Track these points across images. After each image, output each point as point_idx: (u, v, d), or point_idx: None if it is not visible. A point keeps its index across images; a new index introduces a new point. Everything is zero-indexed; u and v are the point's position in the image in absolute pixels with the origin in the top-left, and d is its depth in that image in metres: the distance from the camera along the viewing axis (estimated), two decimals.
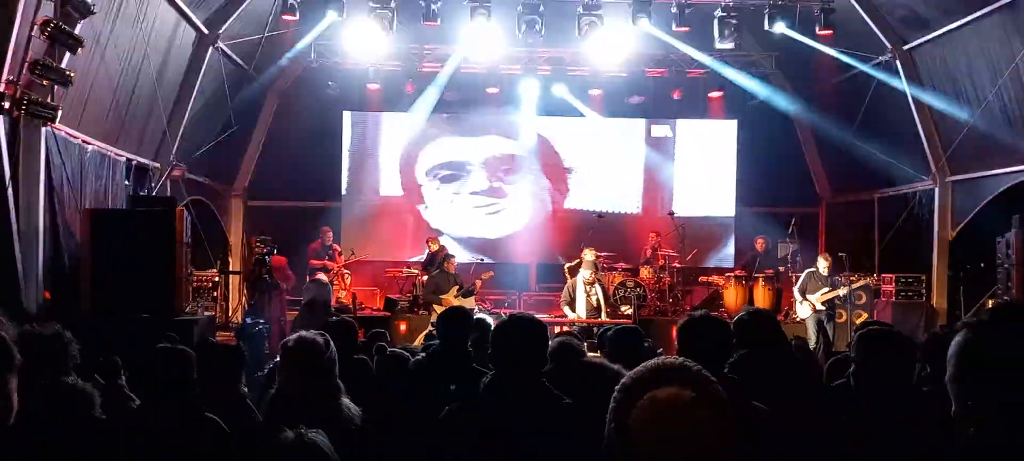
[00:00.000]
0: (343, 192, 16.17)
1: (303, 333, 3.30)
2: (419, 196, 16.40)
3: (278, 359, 3.83)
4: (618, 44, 13.67)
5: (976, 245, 12.29)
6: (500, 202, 16.47)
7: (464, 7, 12.65)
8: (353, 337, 5.07)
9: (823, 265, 12.02)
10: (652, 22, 12.83)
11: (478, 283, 12.97)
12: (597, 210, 15.39)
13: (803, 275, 12.23)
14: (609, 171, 16.53)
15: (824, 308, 11.83)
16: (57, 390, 2.80)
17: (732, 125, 16.33)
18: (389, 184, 16.35)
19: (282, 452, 2.02)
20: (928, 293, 12.91)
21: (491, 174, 16.44)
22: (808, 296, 11.89)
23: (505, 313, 9.38)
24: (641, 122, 16.54)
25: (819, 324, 11.80)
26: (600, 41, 13.33)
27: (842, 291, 11.95)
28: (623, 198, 16.51)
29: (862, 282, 12.41)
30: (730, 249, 16.37)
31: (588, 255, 12.46)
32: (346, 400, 3.08)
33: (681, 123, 16.56)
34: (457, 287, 12.53)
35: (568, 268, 13.63)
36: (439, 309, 12.33)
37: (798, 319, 12.24)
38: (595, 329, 7.29)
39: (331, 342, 3.14)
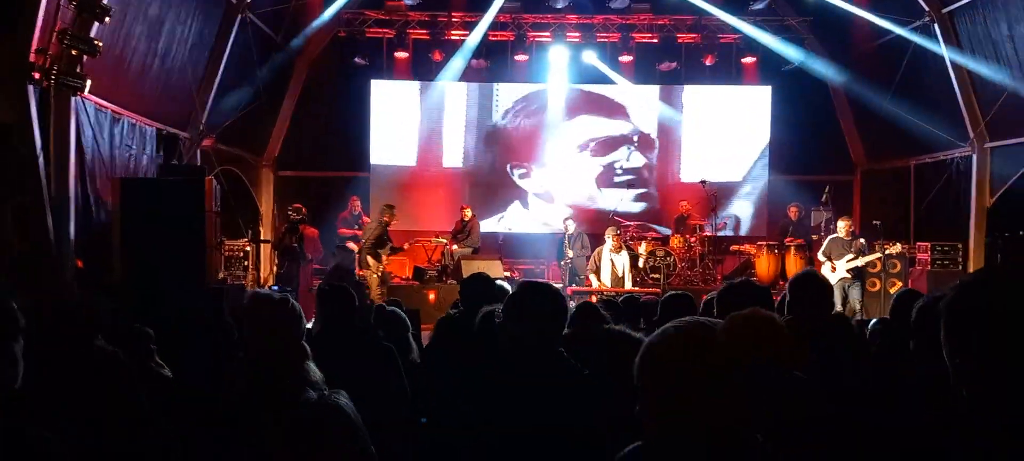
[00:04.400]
0: (371, 162, 16.17)
1: (258, 289, 3.27)
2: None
3: None
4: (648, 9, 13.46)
5: (1016, 212, 12.01)
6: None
7: None
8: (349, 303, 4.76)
9: (842, 227, 11.38)
10: None
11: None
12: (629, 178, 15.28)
13: (826, 240, 11.72)
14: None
15: (849, 275, 11.22)
16: (89, 354, 2.86)
17: (766, 91, 16.06)
18: (422, 152, 16.30)
19: (306, 411, 1.99)
20: (965, 261, 12.64)
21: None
22: (833, 261, 11.42)
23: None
24: (672, 88, 16.32)
25: (842, 292, 11.18)
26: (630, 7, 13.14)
27: (861, 261, 11.39)
28: (652, 166, 16.35)
29: (894, 249, 12.02)
30: (762, 217, 16.16)
31: (609, 240, 12.40)
32: (310, 365, 2.99)
33: (714, 89, 16.30)
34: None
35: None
36: (373, 262, 12.25)
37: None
38: (617, 297, 7.23)
39: (292, 301, 3.05)
